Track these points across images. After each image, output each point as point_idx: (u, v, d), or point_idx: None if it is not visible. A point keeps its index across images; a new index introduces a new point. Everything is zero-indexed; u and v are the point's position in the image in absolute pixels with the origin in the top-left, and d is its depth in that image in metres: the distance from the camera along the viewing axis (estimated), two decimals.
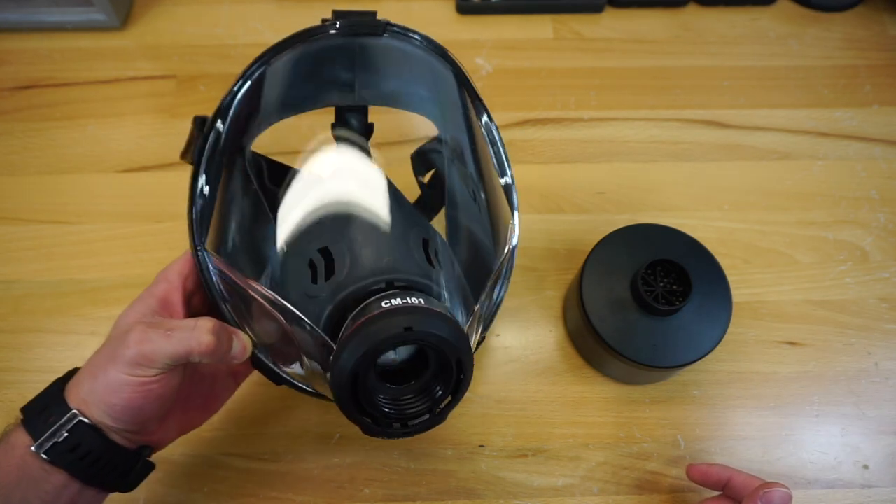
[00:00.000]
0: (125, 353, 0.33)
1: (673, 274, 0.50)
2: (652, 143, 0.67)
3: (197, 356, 0.35)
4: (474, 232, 0.42)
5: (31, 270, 0.59)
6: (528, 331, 0.57)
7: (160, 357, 0.34)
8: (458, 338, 0.32)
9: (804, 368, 0.56)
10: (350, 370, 0.31)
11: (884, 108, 0.69)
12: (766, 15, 0.75)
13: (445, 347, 0.32)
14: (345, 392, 0.32)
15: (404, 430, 0.34)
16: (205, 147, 0.40)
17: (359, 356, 0.30)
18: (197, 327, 0.35)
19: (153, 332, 0.34)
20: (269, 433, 0.52)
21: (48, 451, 0.33)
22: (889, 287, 0.59)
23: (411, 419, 0.34)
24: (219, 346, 0.35)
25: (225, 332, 0.36)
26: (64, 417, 0.33)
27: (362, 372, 0.31)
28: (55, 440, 0.33)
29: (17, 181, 0.63)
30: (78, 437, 0.33)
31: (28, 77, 0.69)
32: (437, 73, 0.44)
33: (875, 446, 0.53)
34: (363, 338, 0.31)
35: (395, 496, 0.50)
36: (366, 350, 0.30)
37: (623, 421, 0.53)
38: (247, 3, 0.74)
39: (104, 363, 0.34)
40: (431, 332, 0.31)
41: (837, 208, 0.63)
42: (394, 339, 0.30)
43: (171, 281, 0.38)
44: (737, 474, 0.44)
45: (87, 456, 0.34)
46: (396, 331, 0.30)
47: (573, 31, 0.74)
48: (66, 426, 0.33)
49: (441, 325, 0.31)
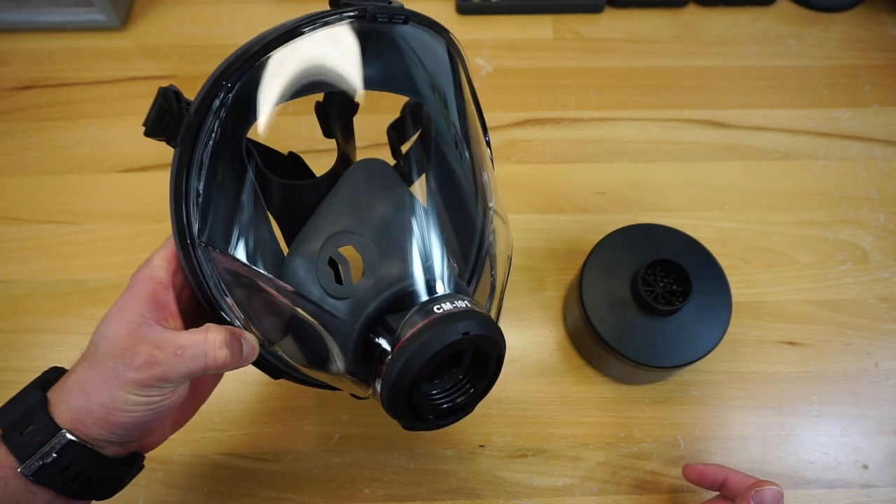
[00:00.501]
0: (134, 375, 0.31)
1: (673, 274, 0.50)
2: (652, 143, 0.67)
3: (212, 371, 0.33)
4: (459, 188, 0.42)
5: (31, 270, 0.59)
6: (528, 331, 0.57)
7: (174, 377, 0.32)
8: (500, 336, 0.35)
9: (804, 368, 0.56)
10: (413, 376, 0.32)
11: (884, 108, 0.69)
12: (766, 15, 0.75)
13: (492, 347, 0.34)
14: (403, 396, 0.32)
15: (439, 423, 0.35)
16: (199, 133, 0.35)
17: (422, 363, 0.31)
18: (208, 342, 0.33)
19: (161, 355, 0.32)
20: (269, 433, 0.52)
21: (35, 472, 0.31)
22: (889, 287, 0.59)
23: (448, 414, 0.36)
24: (234, 358, 0.34)
25: (234, 338, 0.34)
26: (53, 438, 0.31)
27: (421, 378, 0.32)
28: (43, 461, 0.30)
29: (17, 181, 0.63)
30: (69, 457, 0.31)
31: (28, 77, 0.69)
32: (431, 49, 0.43)
33: (875, 446, 0.53)
34: (423, 344, 0.31)
35: (395, 496, 0.50)
36: (428, 357, 0.31)
37: (623, 421, 0.53)
38: (247, 3, 0.74)
39: (102, 382, 0.31)
40: (484, 335, 0.33)
41: (837, 208, 0.63)
42: (455, 345, 0.32)
43: (159, 280, 0.35)
44: (733, 474, 0.44)
45: (80, 475, 0.32)
46: (456, 337, 0.32)
47: (573, 31, 0.74)
48: (55, 447, 0.31)
49: (488, 327, 0.33)
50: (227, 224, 0.37)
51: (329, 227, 0.38)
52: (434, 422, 0.35)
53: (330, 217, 0.39)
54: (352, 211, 0.39)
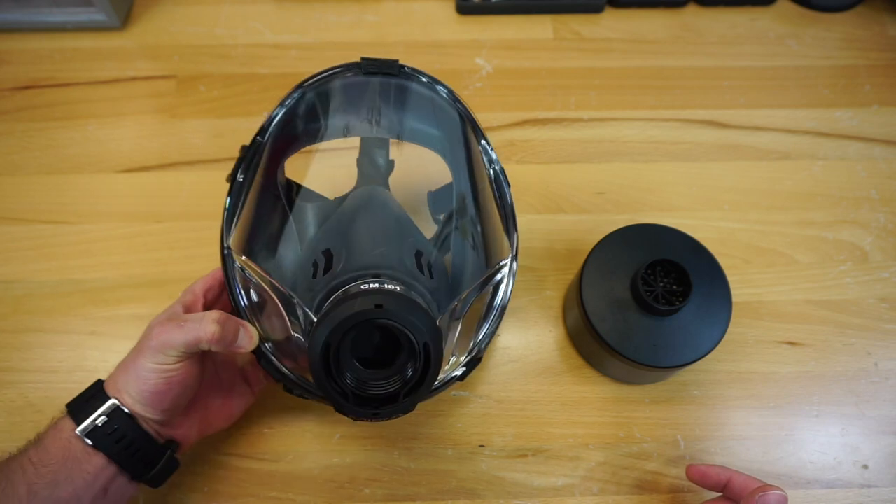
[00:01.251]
0: (149, 344, 0.40)
1: (673, 274, 0.50)
2: (652, 143, 0.67)
3: (205, 343, 0.39)
4: (475, 263, 0.47)
5: (31, 270, 0.59)
6: (528, 331, 0.57)
7: (175, 344, 0.39)
8: (426, 323, 0.34)
9: (804, 368, 0.56)
10: (324, 339, 0.34)
11: (884, 108, 0.69)
12: (766, 15, 0.75)
13: (412, 330, 0.34)
14: (318, 362, 0.34)
15: (374, 413, 0.36)
16: (239, 166, 0.46)
17: (332, 327, 0.33)
18: (204, 318, 0.40)
19: (169, 325, 0.40)
20: (269, 433, 0.52)
21: (89, 433, 0.39)
22: (889, 287, 0.59)
23: (377, 401, 0.36)
24: (224, 334, 0.40)
25: (231, 322, 0.41)
26: (104, 405, 0.40)
27: (335, 343, 0.34)
28: (96, 423, 0.39)
29: (17, 181, 0.63)
30: (115, 421, 0.39)
31: (28, 77, 0.69)
32: (446, 111, 0.49)
33: (875, 446, 0.53)
34: (337, 312, 0.34)
35: (395, 496, 0.50)
36: (339, 322, 0.33)
37: (623, 421, 0.54)
38: (247, 3, 0.74)
39: (134, 357, 0.40)
40: (399, 313, 0.33)
41: (837, 208, 0.63)
42: (364, 315, 0.33)
43: (196, 294, 0.45)
44: (736, 475, 0.44)
45: (122, 440, 0.39)
46: (367, 307, 0.33)
47: (573, 31, 0.74)
48: (105, 412, 0.39)
49: (410, 309, 0.34)
50: (248, 234, 0.44)
51: (319, 235, 0.44)
52: (369, 411, 0.36)
53: (323, 229, 0.45)
54: (339, 223, 0.44)
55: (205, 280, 0.46)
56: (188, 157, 0.65)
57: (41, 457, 0.38)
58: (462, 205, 0.48)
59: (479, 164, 0.49)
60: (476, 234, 0.47)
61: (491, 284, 0.45)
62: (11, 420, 0.52)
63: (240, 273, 0.43)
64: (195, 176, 0.64)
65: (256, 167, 0.46)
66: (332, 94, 0.48)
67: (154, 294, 0.57)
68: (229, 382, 0.48)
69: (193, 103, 0.67)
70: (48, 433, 0.40)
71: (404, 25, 0.73)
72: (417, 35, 0.73)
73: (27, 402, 0.53)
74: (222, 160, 0.64)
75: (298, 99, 0.47)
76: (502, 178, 0.49)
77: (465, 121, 0.49)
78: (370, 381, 0.36)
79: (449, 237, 0.47)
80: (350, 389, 0.36)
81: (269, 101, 0.68)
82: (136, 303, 0.57)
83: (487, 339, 0.46)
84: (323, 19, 0.73)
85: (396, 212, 0.45)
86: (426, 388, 0.36)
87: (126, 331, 0.56)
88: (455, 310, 0.43)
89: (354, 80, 0.48)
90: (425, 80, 0.49)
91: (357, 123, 0.48)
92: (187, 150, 0.65)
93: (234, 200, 0.45)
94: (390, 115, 0.48)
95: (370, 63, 0.47)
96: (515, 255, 0.47)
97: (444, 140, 0.49)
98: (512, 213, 0.48)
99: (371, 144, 0.51)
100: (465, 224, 0.47)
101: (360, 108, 0.48)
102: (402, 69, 0.48)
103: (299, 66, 0.70)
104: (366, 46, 0.72)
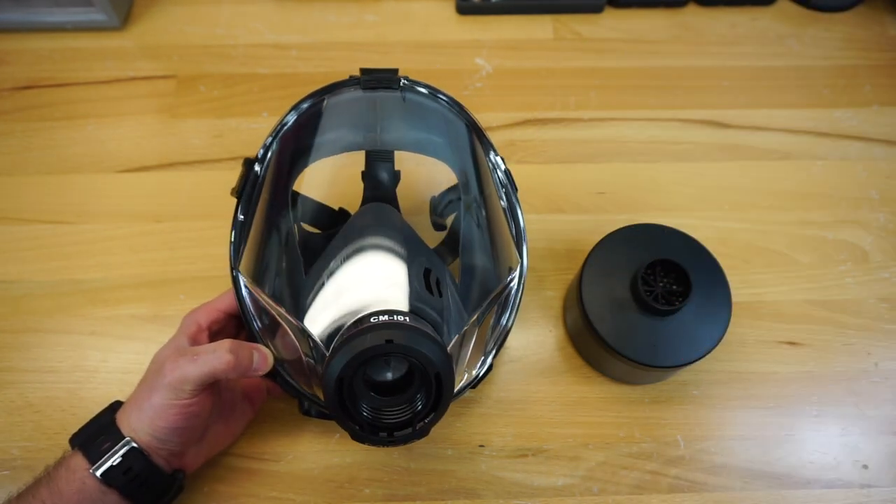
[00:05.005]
0: (163, 381, 0.39)
1: (673, 274, 0.50)
2: (652, 143, 0.67)
3: (221, 373, 0.40)
4: (484, 271, 0.46)
5: (31, 270, 0.59)
6: (528, 331, 0.57)
7: (191, 379, 0.39)
8: (437, 354, 0.35)
9: (804, 368, 0.56)
10: (337, 375, 0.34)
11: (884, 108, 0.69)
12: (766, 15, 0.75)
13: (423, 362, 0.35)
14: (332, 395, 0.35)
15: (389, 440, 0.37)
16: (245, 185, 0.46)
17: (345, 363, 0.34)
18: (217, 349, 0.40)
19: (182, 360, 0.40)
20: (269, 433, 0.52)
21: (104, 472, 0.39)
22: (889, 287, 0.59)
23: (392, 429, 0.37)
24: (238, 361, 0.40)
25: (243, 348, 0.41)
26: (119, 444, 0.40)
27: (348, 377, 0.35)
28: (111, 463, 0.39)
29: (17, 181, 0.63)
30: (130, 460, 0.39)
31: (28, 77, 0.69)
32: (448, 119, 0.49)
33: (875, 446, 0.53)
34: (349, 347, 0.34)
35: (395, 496, 0.50)
36: (350, 357, 0.34)
37: (623, 421, 0.53)
38: (247, 3, 0.74)
39: (146, 394, 0.40)
40: (410, 346, 0.34)
41: (837, 208, 0.63)
42: (376, 350, 0.34)
43: (200, 323, 0.44)
44: None
45: (137, 478, 0.40)
46: (379, 342, 0.34)
47: (573, 31, 0.74)
48: (119, 451, 0.39)
49: (421, 341, 0.35)
50: (255, 255, 0.44)
51: (328, 263, 0.42)
52: (385, 438, 0.37)
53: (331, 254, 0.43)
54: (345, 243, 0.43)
55: (207, 311, 0.45)
56: (188, 157, 0.65)
57: (55, 500, 0.39)
58: (469, 211, 0.47)
59: (486, 172, 0.48)
60: (485, 244, 0.46)
61: (501, 299, 0.45)
62: (11, 420, 0.52)
63: (250, 297, 0.43)
64: (195, 176, 0.64)
65: (258, 201, 0.45)
66: (331, 111, 0.47)
67: (154, 294, 0.57)
68: (231, 402, 0.48)
69: (193, 103, 0.67)
70: (60, 474, 0.40)
71: (404, 25, 0.73)
72: (417, 35, 0.73)
73: (27, 402, 0.53)
74: (222, 160, 0.65)
75: (296, 119, 0.47)
76: (511, 187, 0.49)
77: (471, 130, 0.49)
78: (384, 409, 0.37)
79: (457, 244, 0.46)
80: (364, 420, 0.37)
81: (269, 101, 0.68)
82: (136, 303, 0.57)
83: (496, 349, 0.46)
84: (323, 19, 0.73)
85: (404, 232, 0.44)
86: (439, 415, 0.37)
87: (126, 331, 0.56)
88: (466, 333, 0.42)
89: (354, 95, 0.47)
90: (426, 92, 0.48)
91: (359, 138, 0.47)
92: (187, 150, 0.65)
93: (238, 232, 0.45)
94: (392, 127, 0.48)
95: (369, 79, 0.47)
96: (524, 271, 0.47)
97: (448, 147, 0.49)
98: (520, 221, 0.48)
99: (375, 158, 0.50)
100: (472, 234, 0.46)
101: (361, 123, 0.47)
102: (400, 82, 0.47)
103: (299, 66, 0.70)
104: (366, 46, 0.72)
